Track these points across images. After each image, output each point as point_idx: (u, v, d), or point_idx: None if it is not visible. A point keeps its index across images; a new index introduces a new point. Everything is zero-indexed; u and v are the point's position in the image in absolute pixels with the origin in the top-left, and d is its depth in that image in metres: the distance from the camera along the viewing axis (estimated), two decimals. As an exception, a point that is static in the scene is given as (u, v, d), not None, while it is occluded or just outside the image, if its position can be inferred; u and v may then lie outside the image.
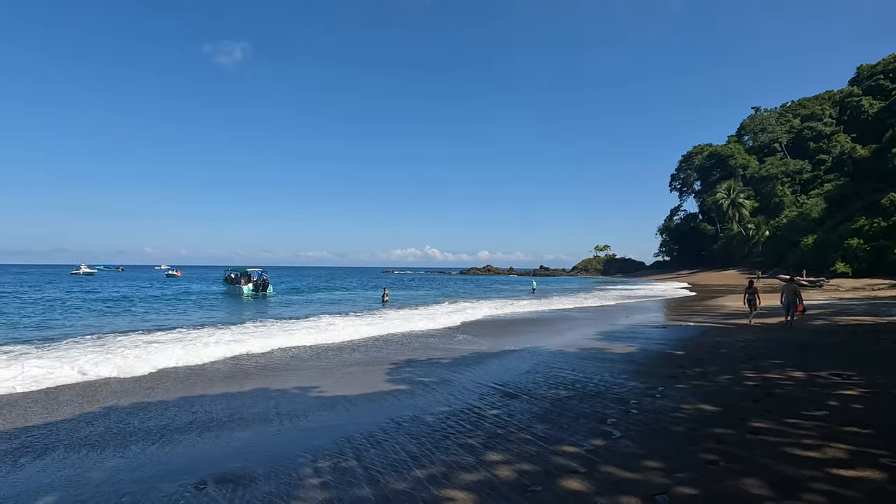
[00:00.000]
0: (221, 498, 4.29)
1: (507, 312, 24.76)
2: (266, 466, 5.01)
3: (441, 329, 17.36)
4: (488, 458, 5.06)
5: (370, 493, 4.34)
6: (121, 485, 4.66)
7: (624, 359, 10.89)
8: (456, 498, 4.18)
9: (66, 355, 11.02)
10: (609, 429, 5.91)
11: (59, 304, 28.00)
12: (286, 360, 11.52)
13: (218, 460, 5.26)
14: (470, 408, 7.06)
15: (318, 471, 4.86)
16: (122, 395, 8.22)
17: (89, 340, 13.56)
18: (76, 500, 4.38)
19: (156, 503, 4.25)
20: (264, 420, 6.72)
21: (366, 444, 5.64)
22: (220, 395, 8.13)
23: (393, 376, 9.43)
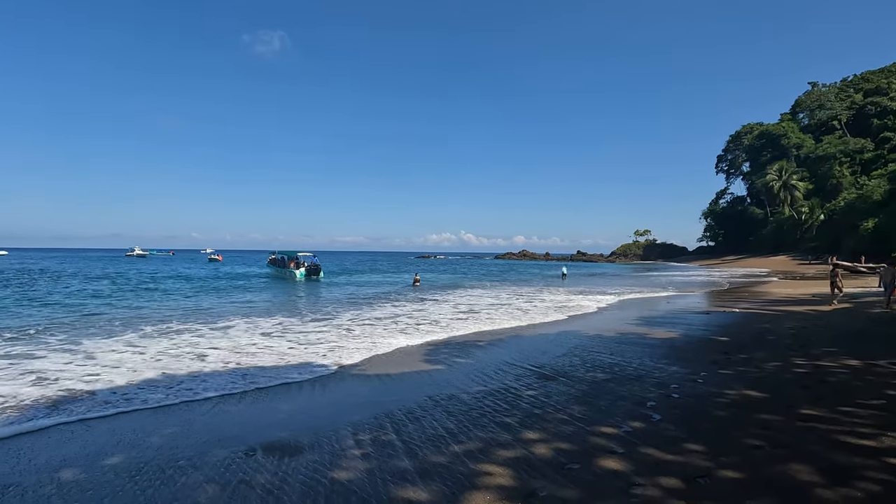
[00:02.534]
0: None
1: (532, 297, 24.57)
2: (311, 435, 5.24)
3: (473, 312, 17.44)
4: (525, 437, 5.10)
5: (409, 464, 4.47)
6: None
7: (664, 344, 10.64)
8: (493, 472, 4.25)
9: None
10: (648, 412, 5.83)
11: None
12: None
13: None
14: (506, 388, 7.11)
15: (360, 443, 5.04)
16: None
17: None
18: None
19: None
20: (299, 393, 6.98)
21: (404, 419, 5.79)
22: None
23: (429, 357, 9.58)
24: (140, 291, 25.90)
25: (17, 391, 7.13)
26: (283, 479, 4.21)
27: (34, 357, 9.56)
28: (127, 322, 14.53)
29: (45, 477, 4.35)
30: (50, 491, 4.06)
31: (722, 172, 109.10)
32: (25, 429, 5.63)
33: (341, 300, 22.36)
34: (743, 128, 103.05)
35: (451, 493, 3.90)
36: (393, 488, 4.00)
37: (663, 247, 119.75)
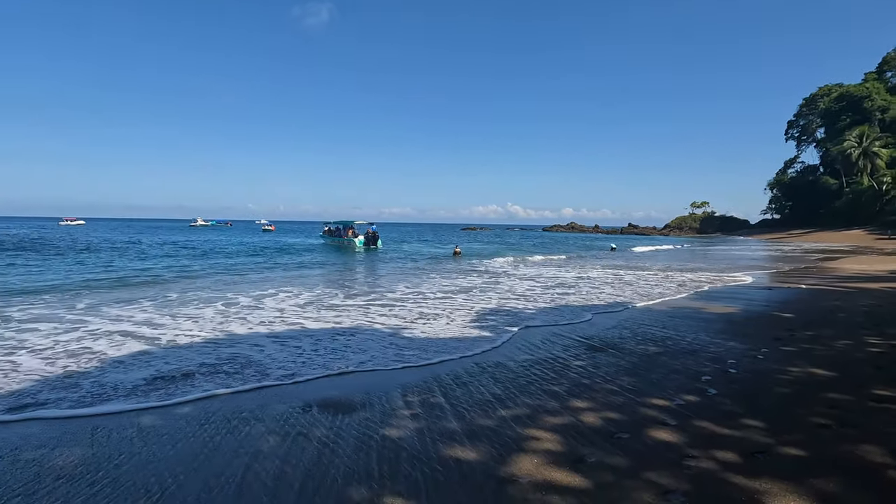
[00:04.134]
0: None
1: (578, 269, 24.02)
2: (362, 394, 5.45)
3: (522, 283, 17.33)
4: (573, 405, 5.09)
5: (457, 426, 4.58)
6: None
7: (721, 318, 10.19)
8: (541, 437, 4.28)
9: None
10: (703, 386, 5.64)
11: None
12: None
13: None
14: (554, 358, 7.07)
15: (409, 404, 5.20)
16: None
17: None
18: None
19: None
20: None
21: (452, 384, 5.90)
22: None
23: (478, 324, 9.65)
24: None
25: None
26: (337, 434, 4.42)
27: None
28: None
29: (126, 420, 4.79)
30: (135, 431, 4.47)
31: (792, 139, 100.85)
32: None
33: (421, 270, 22.78)
34: (819, 90, 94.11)
35: (499, 454, 3.96)
36: (441, 447, 4.11)
37: (722, 220, 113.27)
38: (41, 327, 9.16)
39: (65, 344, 7.89)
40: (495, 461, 3.84)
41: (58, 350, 7.51)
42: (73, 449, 4.15)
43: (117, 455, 4.03)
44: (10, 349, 7.51)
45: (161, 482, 3.59)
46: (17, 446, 4.22)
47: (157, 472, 3.73)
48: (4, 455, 4.05)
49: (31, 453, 4.08)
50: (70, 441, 4.32)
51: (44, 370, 6.46)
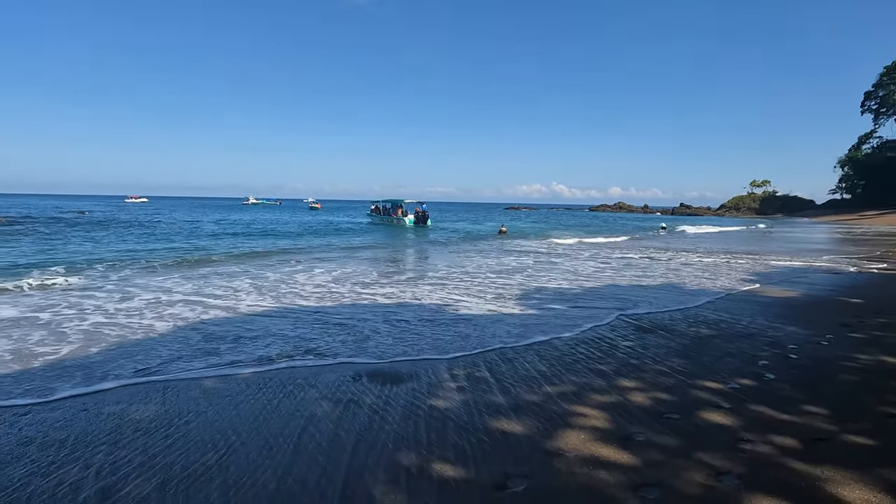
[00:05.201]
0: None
1: (625, 247, 23.26)
2: (409, 366, 5.60)
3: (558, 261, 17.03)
4: (620, 384, 5.02)
5: (503, 400, 4.63)
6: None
7: (781, 303, 9.68)
8: (587, 414, 4.26)
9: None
10: (760, 370, 5.42)
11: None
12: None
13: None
14: (601, 337, 6.97)
15: (455, 377, 5.29)
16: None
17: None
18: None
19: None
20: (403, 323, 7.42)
21: (497, 359, 5.94)
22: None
23: (523, 302, 9.62)
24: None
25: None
26: (386, 402, 4.58)
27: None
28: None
29: (192, 383, 5.15)
30: (200, 392, 4.81)
31: (869, 112, 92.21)
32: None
33: (483, 249, 22.95)
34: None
35: (545, 428, 3.99)
36: (487, 419, 4.18)
37: (784, 200, 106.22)
38: (140, 293, 9.92)
39: (129, 312, 8.52)
40: (541, 434, 3.88)
41: (132, 319, 8.13)
42: (147, 406, 4.52)
43: (186, 413, 4.35)
44: (107, 316, 8.18)
45: (226, 439, 3.86)
46: (99, 401, 4.64)
47: (222, 430, 4.01)
48: (90, 407, 4.47)
49: (111, 408, 4.47)
50: (144, 399, 4.70)
51: (126, 335, 7.03)
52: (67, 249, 19.24)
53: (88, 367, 5.60)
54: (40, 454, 3.61)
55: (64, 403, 4.58)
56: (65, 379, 5.23)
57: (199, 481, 3.24)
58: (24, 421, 4.19)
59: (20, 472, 3.37)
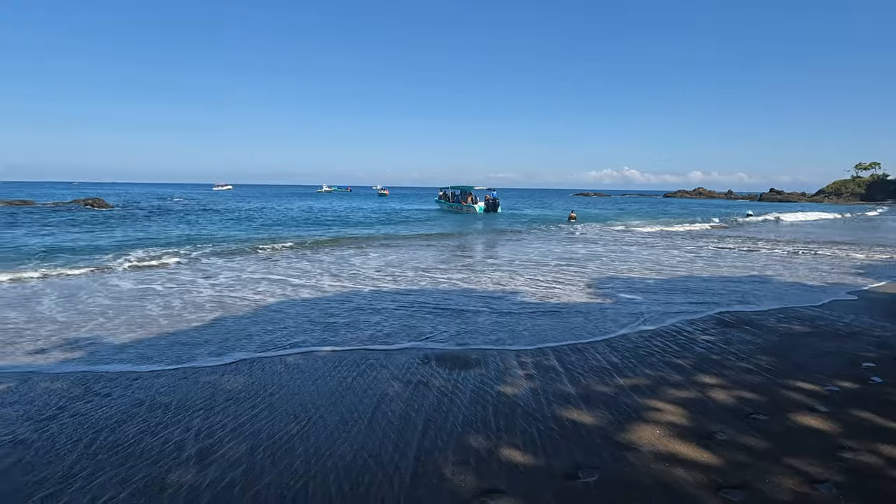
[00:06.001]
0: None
1: (703, 238, 21.65)
2: (478, 352, 5.64)
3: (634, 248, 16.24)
4: (699, 380, 4.75)
5: (572, 390, 4.55)
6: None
7: (890, 299, 8.65)
8: (662, 409, 4.08)
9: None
10: (864, 373, 4.90)
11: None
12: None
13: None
14: (678, 330, 6.62)
15: (523, 365, 5.26)
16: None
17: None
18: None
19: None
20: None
21: (566, 349, 5.83)
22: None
23: (593, 291, 9.34)
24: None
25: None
26: (455, 386, 4.66)
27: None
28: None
29: (276, 360, 5.52)
30: (283, 368, 5.16)
31: None
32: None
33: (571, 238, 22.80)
34: None
35: (616, 420, 3.88)
36: (556, 408, 4.13)
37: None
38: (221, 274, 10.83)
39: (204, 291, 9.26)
40: (613, 427, 3.77)
41: (202, 294, 8.85)
42: (236, 377, 4.92)
43: (270, 386, 4.69)
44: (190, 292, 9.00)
45: (306, 411, 4.11)
46: (197, 372, 5.11)
47: (302, 403, 4.28)
48: (190, 376, 4.94)
49: (206, 378, 4.92)
50: (233, 372, 5.11)
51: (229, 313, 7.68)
52: (167, 232, 21.24)
53: (186, 343, 6.18)
54: (149, 415, 4.05)
55: (166, 372, 5.09)
56: (168, 350, 5.81)
57: (283, 449, 3.49)
58: (135, 385, 4.71)
59: (134, 430, 3.80)
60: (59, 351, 5.77)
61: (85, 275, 10.97)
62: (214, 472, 3.19)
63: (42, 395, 4.46)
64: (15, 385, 4.71)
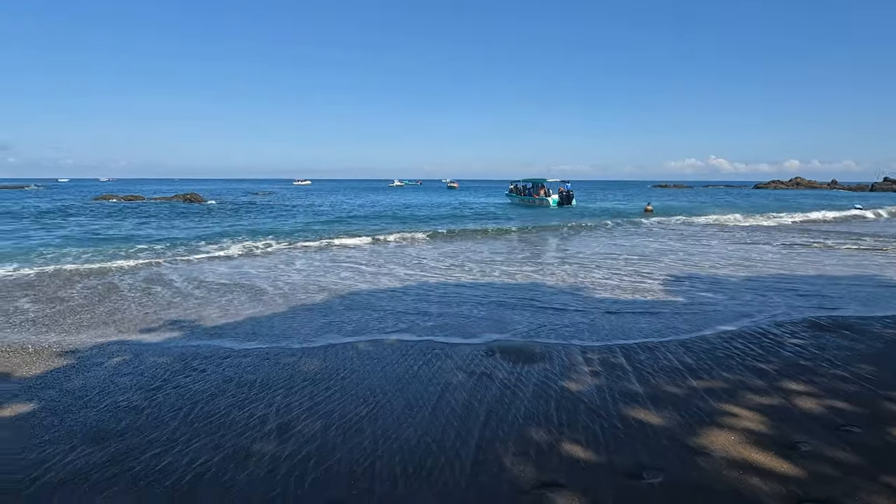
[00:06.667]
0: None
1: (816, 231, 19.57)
2: (542, 346, 5.62)
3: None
4: (785, 386, 4.42)
5: (640, 389, 4.41)
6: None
7: None
8: (739, 415, 3.86)
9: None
10: None
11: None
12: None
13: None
14: (763, 332, 6.16)
15: (588, 361, 5.17)
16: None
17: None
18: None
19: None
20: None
21: (635, 347, 5.64)
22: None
23: (672, 287, 8.90)
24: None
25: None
26: (518, 379, 4.69)
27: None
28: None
29: (349, 346, 5.85)
30: (354, 353, 5.46)
31: None
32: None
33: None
34: None
35: (687, 423, 3.72)
36: (622, 406, 4.04)
37: None
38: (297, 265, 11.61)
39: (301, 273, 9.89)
40: (682, 429, 3.63)
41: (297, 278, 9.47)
42: (312, 360, 5.28)
43: (343, 370, 4.98)
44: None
45: (375, 396, 4.34)
46: (278, 353, 5.54)
47: (371, 388, 4.52)
48: (271, 357, 5.38)
49: (286, 359, 5.32)
50: (310, 355, 5.48)
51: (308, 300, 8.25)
52: (256, 223, 22.98)
53: (274, 326, 6.71)
54: (237, 391, 4.48)
55: (251, 352, 5.57)
56: (258, 332, 6.35)
57: (353, 429, 3.73)
58: (226, 363, 5.21)
59: (224, 403, 4.23)
60: (164, 328, 6.51)
61: (201, 261, 12.18)
62: (292, 445, 3.49)
63: (150, 368, 5.07)
64: (129, 358, 5.40)
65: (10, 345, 5.87)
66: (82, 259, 12.61)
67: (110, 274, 10.65)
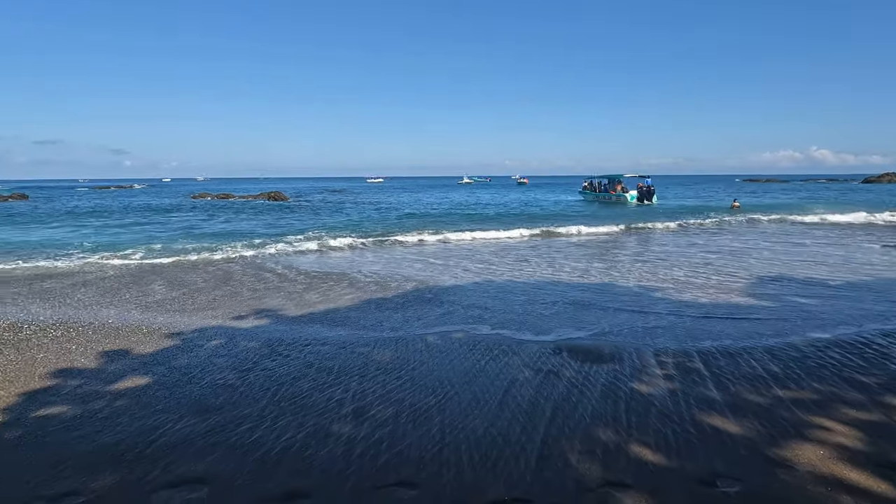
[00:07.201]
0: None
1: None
2: (611, 347, 5.51)
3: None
4: (888, 402, 4.02)
5: (718, 396, 4.21)
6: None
7: None
8: (832, 429, 3.58)
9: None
10: None
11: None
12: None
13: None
14: (866, 342, 5.59)
15: (662, 364, 5.00)
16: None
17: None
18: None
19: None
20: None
21: (714, 352, 5.36)
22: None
23: (759, 290, 8.30)
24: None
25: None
26: (585, 378, 4.65)
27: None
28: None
29: (417, 339, 6.08)
30: (423, 346, 5.68)
31: None
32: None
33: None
34: None
35: (769, 434, 3.52)
36: (696, 412, 3.89)
37: None
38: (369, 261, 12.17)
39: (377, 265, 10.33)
40: (764, 440, 3.43)
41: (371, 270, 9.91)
42: (385, 351, 5.55)
43: (412, 361, 5.20)
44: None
45: (443, 387, 4.51)
46: (354, 342, 5.89)
47: (439, 379, 4.69)
48: (347, 346, 5.73)
49: (361, 349, 5.64)
50: (383, 346, 5.77)
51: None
52: (336, 219, 24.24)
53: (347, 317, 7.13)
54: (318, 375, 4.84)
55: (329, 340, 5.96)
56: (335, 321, 6.78)
57: (422, 417, 3.91)
58: (307, 350, 5.63)
59: (306, 385, 4.59)
60: (255, 315, 7.13)
61: (288, 254, 13.17)
62: (366, 428, 3.73)
63: (242, 352, 5.60)
64: (224, 341, 5.99)
65: (131, 324, 6.72)
66: (190, 250, 14.07)
67: (215, 264, 11.83)
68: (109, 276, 10.50)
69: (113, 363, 5.27)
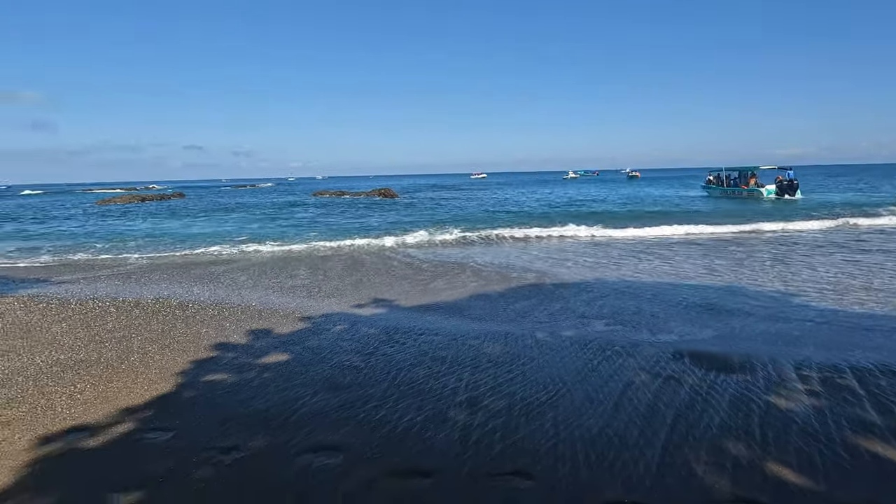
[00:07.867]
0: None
1: None
2: (741, 356, 5.06)
3: None
4: None
5: (876, 419, 3.68)
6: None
7: None
8: None
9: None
10: None
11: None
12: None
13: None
14: None
15: (804, 378, 4.49)
16: None
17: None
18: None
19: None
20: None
21: (874, 369, 4.67)
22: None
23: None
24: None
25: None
26: (710, 386, 4.34)
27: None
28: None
29: (527, 334, 6.12)
30: (533, 342, 5.71)
31: None
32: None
33: None
34: None
35: (949, 469, 3.01)
36: (849, 434, 3.45)
37: None
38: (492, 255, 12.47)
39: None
40: (941, 475, 2.95)
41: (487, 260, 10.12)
42: (495, 345, 5.68)
43: (523, 357, 5.26)
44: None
45: (554, 384, 4.51)
46: (464, 334, 6.10)
47: (551, 376, 4.70)
48: (459, 337, 5.96)
49: (472, 342, 5.83)
50: (494, 339, 5.90)
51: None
52: (445, 215, 25.10)
53: (461, 308, 7.39)
54: (432, 364, 5.11)
55: (441, 330, 6.24)
56: (449, 311, 7.08)
57: (535, 411, 3.96)
58: (421, 339, 5.95)
59: (422, 373, 4.88)
60: (374, 304, 7.70)
61: (407, 246, 14.04)
62: (480, 417, 3.88)
63: (364, 337, 6.09)
64: (348, 326, 6.56)
65: (270, 307, 7.65)
66: (317, 241, 15.88)
67: (340, 253, 12.99)
68: (254, 264, 12.03)
69: (259, 340, 6.06)
